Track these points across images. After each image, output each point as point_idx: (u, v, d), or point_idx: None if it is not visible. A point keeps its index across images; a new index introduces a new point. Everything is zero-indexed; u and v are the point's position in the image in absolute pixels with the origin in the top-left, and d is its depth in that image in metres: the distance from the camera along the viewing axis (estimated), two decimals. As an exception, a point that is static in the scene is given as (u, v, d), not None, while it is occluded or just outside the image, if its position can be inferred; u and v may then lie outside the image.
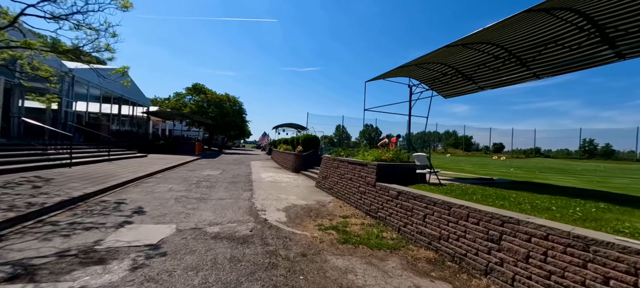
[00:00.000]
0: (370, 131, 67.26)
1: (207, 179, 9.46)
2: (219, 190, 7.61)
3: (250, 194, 7.26)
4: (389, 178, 5.77)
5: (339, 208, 6.23)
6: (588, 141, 43.54)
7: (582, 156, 38.64)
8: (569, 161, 31.64)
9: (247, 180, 9.91)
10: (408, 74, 10.16)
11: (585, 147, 42.96)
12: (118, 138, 16.90)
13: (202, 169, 12.54)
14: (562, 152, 44.99)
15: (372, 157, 6.30)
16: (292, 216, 5.37)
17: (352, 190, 6.59)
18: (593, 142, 43.81)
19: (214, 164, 15.16)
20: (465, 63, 8.07)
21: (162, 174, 10.05)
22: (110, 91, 16.84)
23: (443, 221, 3.79)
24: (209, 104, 31.40)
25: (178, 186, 7.70)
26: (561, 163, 26.67)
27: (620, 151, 40.24)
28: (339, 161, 7.77)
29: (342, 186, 7.21)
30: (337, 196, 7.41)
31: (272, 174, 12.15)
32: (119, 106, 18.29)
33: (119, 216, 4.71)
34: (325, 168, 8.73)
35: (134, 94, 20.29)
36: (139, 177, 8.41)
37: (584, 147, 42.29)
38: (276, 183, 9.57)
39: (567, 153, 43.92)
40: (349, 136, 58.33)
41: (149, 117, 22.61)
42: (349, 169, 6.97)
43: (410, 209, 4.46)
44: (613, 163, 27.02)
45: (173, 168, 12.06)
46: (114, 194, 6.29)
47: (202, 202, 6.03)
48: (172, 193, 6.74)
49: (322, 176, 8.79)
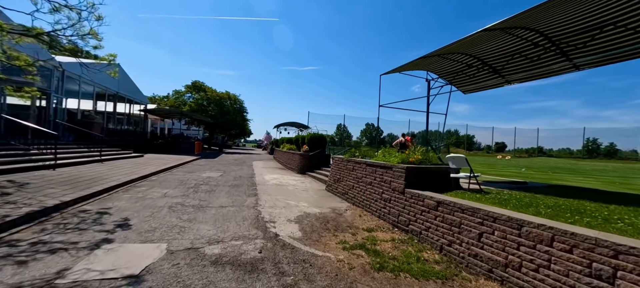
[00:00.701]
0: (371, 130, 66.57)
1: (206, 182, 8.61)
2: (219, 195, 6.76)
3: (255, 200, 6.41)
4: (420, 183, 4.91)
5: (359, 218, 5.37)
6: (591, 141, 42.93)
7: (585, 156, 37.88)
8: (573, 161, 30.81)
9: (250, 182, 9.06)
10: (426, 67, 9.30)
11: (589, 146, 42.40)
12: (113, 137, 16.04)
13: (201, 170, 11.68)
14: (563, 151, 44.38)
15: (397, 159, 5.44)
16: (307, 229, 4.51)
17: (373, 197, 5.74)
18: (596, 141, 43.20)
19: (214, 165, 14.31)
20: (496, 52, 7.19)
21: (158, 176, 9.19)
22: (104, 88, 15.98)
23: (510, 244, 2.93)
24: (209, 102, 30.53)
25: (174, 191, 6.85)
26: (567, 162, 25.81)
27: (623, 150, 39.56)
28: (354, 163, 6.91)
29: (360, 191, 6.35)
30: (353, 203, 6.55)
31: (277, 175, 11.30)
32: (114, 104, 17.41)
33: (99, 231, 3.86)
34: (337, 170, 7.87)
35: (131, 91, 19.43)
36: (131, 180, 7.55)
37: (587, 146, 41.72)
38: (282, 186, 8.71)
39: (569, 152, 43.24)
40: (350, 136, 57.59)
41: (146, 115, 21.74)
42: (368, 173, 6.11)
43: (458, 224, 3.60)
44: (618, 163, 26.15)
45: (170, 169, 11.21)
46: (98, 202, 5.43)
47: (200, 211, 5.18)
48: (167, 200, 5.88)
49: (334, 179, 7.94)
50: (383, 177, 5.51)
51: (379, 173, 5.68)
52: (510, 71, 7.86)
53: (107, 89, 16.16)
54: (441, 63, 8.65)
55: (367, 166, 6.24)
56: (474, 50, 7.40)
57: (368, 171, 6.15)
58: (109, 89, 16.44)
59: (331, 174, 8.27)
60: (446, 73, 9.37)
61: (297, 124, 32.91)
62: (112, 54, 6.01)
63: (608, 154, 38.70)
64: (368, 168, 6.17)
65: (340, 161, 7.81)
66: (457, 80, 9.38)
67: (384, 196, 5.35)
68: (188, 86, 31.32)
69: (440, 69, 9.23)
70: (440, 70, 9.27)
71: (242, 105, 34.64)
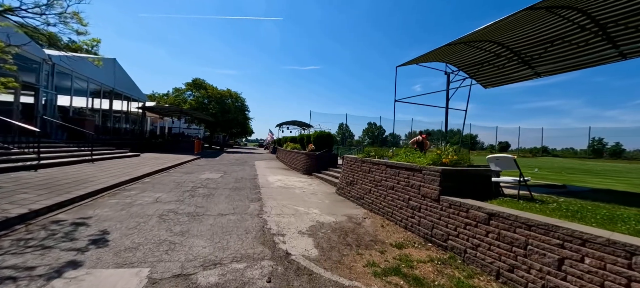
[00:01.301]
0: (373, 129, 65.72)
1: (205, 184, 7.83)
2: (219, 200, 5.98)
3: (259, 206, 5.62)
4: (457, 189, 4.11)
5: (382, 229, 4.58)
6: (597, 140, 42.13)
7: (590, 156, 36.96)
8: (580, 161, 29.83)
9: (253, 184, 8.28)
10: (446, 58, 8.48)
11: (594, 146, 41.64)
12: (108, 136, 15.34)
13: (200, 171, 10.92)
14: (567, 151, 43.50)
15: (426, 159, 4.63)
16: (325, 245, 3.72)
17: (396, 204, 4.94)
18: (602, 141, 42.38)
19: (214, 165, 13.55)
20: (532, 38, 6.36)
21: (152, 178, 8.43)
22: (99, 84, 15.24)
23: (615, 278, 2.13)
24: (210, 101, 29.77)
25: (167, 196, 6.07)
26: (574, 162, 24.82)
27: (628, 150, 38.68)
28: (370, 164, 6.11)
29: (379, 196, 5.55)
30: (371, 209, 5.76)
31: (281, 177, 10.51)
32: (110, 101, 16.66)
33: (67, 250, 3.09)
34: (349, 171, 7.08)
35: (128, 88, 18.69)
36: (121, 183, 6.79)
37: (592, 146, 40.96)
38: (288, 189, 7.93)
39: (573, 152, 42.35)
40: (352, 135, 56.80)
41: (144, 113, 21.01)
42: (389, 176, 5.31)
43: (522, 244, 2.80)
44: (626, 163, 25.16)
45: (167, 169, 10.45)
46: (76, 209, 4.66)
47: (195, 221, 4.40)
48: (158, 207, 5.10)
49: (346, 182, 7.14)
50: (409, 181, 4.71)
51: (404, 176, 4.88)
52: (544, 60, 7.02)
53: (103, 85, 15.42)
54: (463, 54, 7.84)
55: (387, 167, 5.44)
56: (505, 37, 6.59)
57: (389, 174, 5.35)
58: (105, 86, 15.70)
59: (342, 176, 7.48)
60: (467, 65, 8.56)
61: (300, 123, 32.14)
62: (95, 39, 5.23)
63: (614, 154, 37.78)
64: (389, 170, 5.37)
65: (353, 162, 7.02)
66: (480, 73, 8.56)
67: (411, 204, 4.55)
68: (188, 83, 30.57)
69: (461, 61, 8.42)
70: (461, 61, 8.45)
71: (244, 103, 33.87)
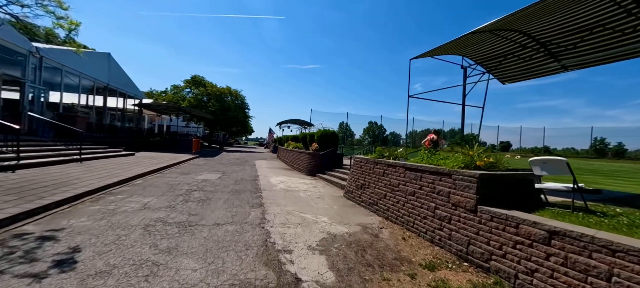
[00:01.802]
0: (374, 128, 65.03)
1: (201, 187, 7.19)
2: (215, 205, 5.34)
3: (261, 213, 4.98)
4: (497, 198, 3.47)
5: (404, 243, 3.94)
6: (599, 140, 41.73)
7: (592, 156, 36.37)
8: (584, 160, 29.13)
9: (254, 187, 7.64)
10: (463, 51, 7.82)
11: (597, 146, 41.25)
12: (102, 134, 14.67)
13: (197, 171, 10.27)
14: (569, 151, 42.94)
15: (455, 162, 3.98)
16: (340, 265, 3.08)
17: (419, 212, 4.30)
18: (604, 141, 41.97)
19: (212, 165, 12.90)
20: (568, 26, 5.69)
21: (144, 179, 7.78)
22: (92, 79, 14.56)
23: None
24: (209, 98, 29.09)
25: (158, 201, 5.43)
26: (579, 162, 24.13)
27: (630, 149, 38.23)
28: (385, 166, 5.47)
29: (396, 203, 4.91)
30: (387, 217, 5.12)
31: (284, 178, 9.87)
32: (104, 97, 15.99)
33: (20, 277, 2.45)
34: (359, 173, 6.44)
35: (124, 85, 18.01)
36: (108, 185, 6.15)
37: (595, 146, 40.58)
38: (292, 192, 7.28)
39: (575, 152, 41.75)
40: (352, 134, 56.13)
41: (141, 110, 20.34)
42: (410, 180, 4.66)
43: (605, 275, 2.16)
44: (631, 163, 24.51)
45: (161, 169, 9.81)
46: (49, 218, 4.01)
47: (187, 233, 3.76)
48: (145, 215, 4.46)
49: (356, 185, 6.50)
50: (435, 187, 4.07)
51: (428, 181, 4.23)
52: (575, 52, 6.37)
53: (96, 81, 14.73)
54: (482, 45, 7.18)
55: (406, 170, 4.80)
56: (533, 26, 5.93)
57: (408, 178, 4.70)
58: (98, 81, 15.01)
59: (351, 179, 6.84)
60: (487, 58, 7.90)
61: (301, 122, 31.49)
62: (73, 21, 4.57)
63: (617, 154, 37.21)
64: (408, 174, 4.72)
65: (363, 163, 6.38)
66: (501, 67, 7.90)
67: (438, 214, 3.91)
68: (187, 80, 29.88)
69: (479, 54, 7.76)
70: (479, 55, 7.80)
71: (244, 101, 33.18)
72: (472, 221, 3.38)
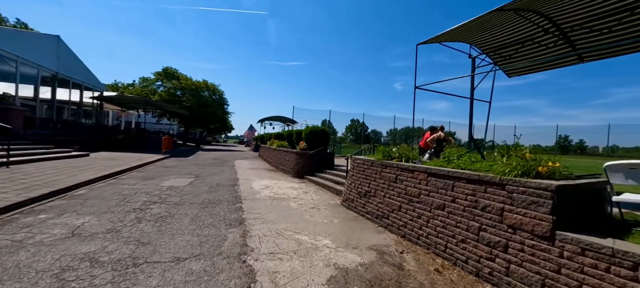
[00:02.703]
0: (356, 126, 64.77)
1: (164, 197, 5.75)
2: (179, 226, 4.00)
3: (241, 235, 3.73)
4: (575, 218, 2.51)
5: (440, 277, 2.90)
6: (563, 137, 44.70)
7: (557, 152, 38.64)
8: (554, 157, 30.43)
9: (232, 195, 6.31)
10: (472, 38, 6.98)
11: (561, 143, 44.07)
12: (49, 131, 12.44)
13: (164, 175, 8.69)
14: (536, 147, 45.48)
15: (507, 168, 2.96)
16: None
17: (454, 233, 3.28)
18: (568, 138, 45.07)
19: (185, 166, 11.27)
20: (593, 10, 4.93)
21: (91, 188, 6.19)
22: (34, 65, 12.16)
23: None
24: (184, 92, 26.72)
25: (98, 222, 3.99)
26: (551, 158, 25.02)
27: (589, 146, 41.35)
28: (397, 170, 4.42)
29: (417, 218, 3.87)
30: (403, 235, 4.07)
31: (268, 181, 8.59)
32: (52, 88, 13.62)
33: None
34: (362, 178, 5.35)
35: (79, 74, 15.59)
36: (31, 200, 4.58)
37: (559, 143, 43.30)
38: (280, 200, 6.05)
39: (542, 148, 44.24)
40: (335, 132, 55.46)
41: (101, 104, 17.89)
42: (436, 189, 3.64)
43: None
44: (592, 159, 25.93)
45: (119, 174, 8.15)
46: None
47: (125, 282, 2.44)
48: (67, 249, 3.06)
49: (358, 192, 5.41)
50: (477, 200, 3.06)
51: (465, 192, 3.22)
52: (597, 40, 5.68)
53: (41, 68, 12.39)
54: (498, 30, 6.36)
55: (430, 177, 3.76)
56: (559, 7, 5.14)
57: (434, 186, 3.67)
58: (44, 69, 12.65)
59: (351, 184, 5.74)
60: (499, 47, 7.12)
61: (283, 119, 30.06)
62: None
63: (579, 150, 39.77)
64: (434, 181, 3.69)
65: (366, 166, 5.30)
66: (516, 56, 7.14)
67: (486, 238, 2.91)
68: (158, 73, 27.21)
69: (489, 42, 6.96)
70: (492, 42, 6.99)
71: (222, 96, 31.03)
72: (547, 252, 2.39)
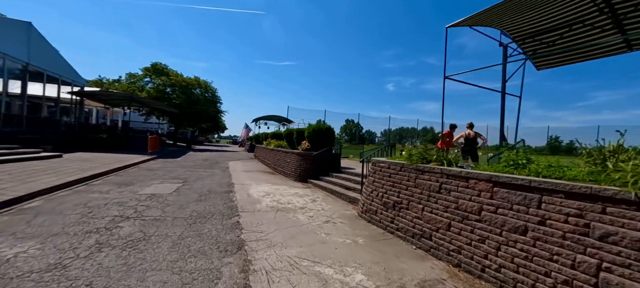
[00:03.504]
0: (351, 126, 63.97)
1: (141, 210, 4.62)
2: (154, 256, 2.91)
3: (240, 268, 2.67)
4: None
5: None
6: (554, 138, 45.43)
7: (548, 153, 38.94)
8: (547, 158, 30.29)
9: (227, 206, 5.22)
10: (504, 22, 6.09)
11: (552, 143, 44.62)
12: (15, 128, 11.05)
13: (146, 180, 7.51)
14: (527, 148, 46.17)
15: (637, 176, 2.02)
16: None
17: (545, 268, 2.30)
18: (558, 139, 45.89)
19: (172, 169, 10.07)
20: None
21: (48, 198, 5.00)
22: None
23: None
24: (174, 89, 25.26)
25: (40, 251, 2.86)
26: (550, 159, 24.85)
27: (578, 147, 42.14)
28: (443, 177, 3.44)
29: (479, 242, 2.89)
30: (457, 264, 3.08)
31: (268, 187, 7.51)
32: (22, 82, 12.14)
33: None
34: (388, 186, 4.35)
35: (55, 67, 14.13)
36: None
37: (550, 143, 43.89)
38: (286, 212, 4.99)
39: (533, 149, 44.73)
40: (332, 131, 54.50)
41: (82, 101, 16.40)
42: (511, 205, 2.66)
43: None
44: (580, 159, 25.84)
45: (90, 179, 6.94)
46: None
47: None
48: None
49: (382, 202, 4.40)
50: (589, 224, 2.10)
51: (566, 212, 2.25)
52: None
53: (6, 57, 10.93)
54: (530, 14, 5.47)
55: (497, 187, 2.79)
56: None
57: (507, 201, 2.70)
58: (10, 58, 11.16)
59: (371, 192, 4.72)
60: (528, 34, 6.25)
61: (278, 118, 28.98)
62: None
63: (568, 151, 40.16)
64: (503, 193, 2.71)
65: (393, 171, 4.30)
66: (556, 42, 6.28)
67: (609, 281, 1.93)
68: (147, 68, 25.63)
69: (521, 27, 6.08)
70: (521, 28, 6.12)
71: (215, 94, 29.62)
72: None
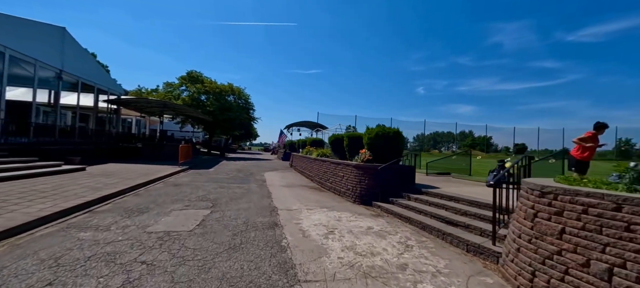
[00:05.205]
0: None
1: (139, 274, 2.80)
2: None
3: None
4: None
5: None
6: (624, 141, 37.51)
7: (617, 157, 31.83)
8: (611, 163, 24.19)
9: (277, 261, 3.21)
10: None
11: (622, 147, 36.95)
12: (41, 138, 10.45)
13: (167, 203, 5.89)
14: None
15: None
16: None
17: None
18: (629, 141, 37.70)
19: (200, 185, 8.51)
20: None
21: (15, 241, 3.44)
22: (30, 59, 10.18)
23: None
24: (208, 97, 24.85)
25: None
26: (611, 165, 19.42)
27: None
28: None
29: None
30: None
31: (325, 216, 5.44)
32: (51, 92, 11.73)
33: None
34: (596, 243, 1.98)
35: (91, 75, 13.78)
36: None
37: (619, 146, 36.38)
38: (375, 278, 2.84)
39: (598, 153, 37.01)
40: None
41: (118, 109, 16.17)
42: None
43: None
44: None
45: (98, 202, 5.48)
46: None
47: None
48: None
49: (585, 270, 2.03)
50: None
51: None
52: None
53: (37, 63, 10.38)
54: None
55: None
56: None
57: None
58: (42, 64, 10.63)
59: (536, 250, 2.37)
60: None
61: (311, 124, 27.25)
62: None
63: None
64: None
65: (603, 208, 1.92)
66: None
67: None
68: (182, 77, 25.68)
69: None
70: None
71: (248, 100, 28.86)
72: None
